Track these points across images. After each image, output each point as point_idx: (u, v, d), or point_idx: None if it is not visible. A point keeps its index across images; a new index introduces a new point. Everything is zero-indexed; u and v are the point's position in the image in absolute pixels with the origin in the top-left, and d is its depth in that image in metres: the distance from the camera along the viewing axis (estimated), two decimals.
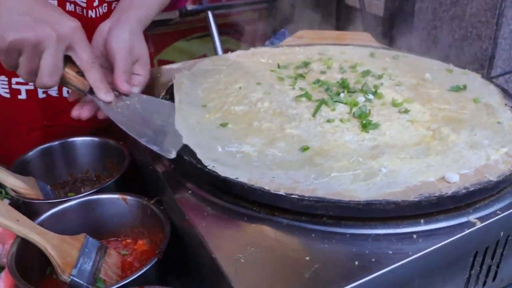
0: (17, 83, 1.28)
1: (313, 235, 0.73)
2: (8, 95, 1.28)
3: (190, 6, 2.38)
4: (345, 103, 1.01)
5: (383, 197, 0.74)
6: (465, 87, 1.09)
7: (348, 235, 0.73)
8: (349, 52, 1.29)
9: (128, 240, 1.01)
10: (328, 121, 0.95)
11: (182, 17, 2.36)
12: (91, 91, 0.95)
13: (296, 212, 0.76)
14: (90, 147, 1.15)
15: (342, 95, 1.04)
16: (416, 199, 0.74)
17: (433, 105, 1.02)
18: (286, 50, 1.34)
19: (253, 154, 0.86)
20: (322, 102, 1.01)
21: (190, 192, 0.84)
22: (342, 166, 0.81)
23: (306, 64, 1.21)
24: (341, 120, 0.95)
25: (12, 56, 0.87)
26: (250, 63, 1.25)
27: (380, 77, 1.13)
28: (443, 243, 0.72)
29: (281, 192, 0.75)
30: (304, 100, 1.03)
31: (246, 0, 2.38)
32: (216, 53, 1.76)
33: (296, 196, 0.74)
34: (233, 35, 2.41)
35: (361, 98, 1.02)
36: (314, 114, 0.97)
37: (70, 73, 0.94)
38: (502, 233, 0.80)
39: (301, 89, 1.08)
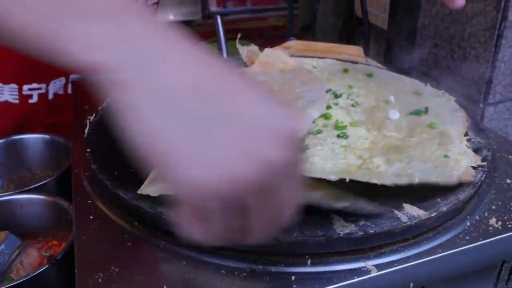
0: (29, 89, 1.29)
1: (184, 262, 0.68)
2: (17, 101, 1.29)
3: (213, 8, 2.37)
4: None
5: None
6: (426, 110, 0.98)
7: (217, 266, 0.68)
8: (322, 66, 1.21)
9: (55, 242, 1.00)
10: None
11: (204, 19, 2.36)
12: None
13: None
14: (42, 144, 1.16)
15: None
16: (300, 238, 0.66)
17: (381, 131, 0.92)
18: None
19: None
20: None
21: (89, 201, 0.81)
22: None
23: None
24: None
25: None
26: None
27: (337, 96, 1.05)
28: None
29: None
30: None
31: (267, 6, 2.34)
32: (221, 55, 1.77)
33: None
34: (255, 40, 2.39)
35: None
36: None
37: None
38: (411, 284, 0.70)
39: None
